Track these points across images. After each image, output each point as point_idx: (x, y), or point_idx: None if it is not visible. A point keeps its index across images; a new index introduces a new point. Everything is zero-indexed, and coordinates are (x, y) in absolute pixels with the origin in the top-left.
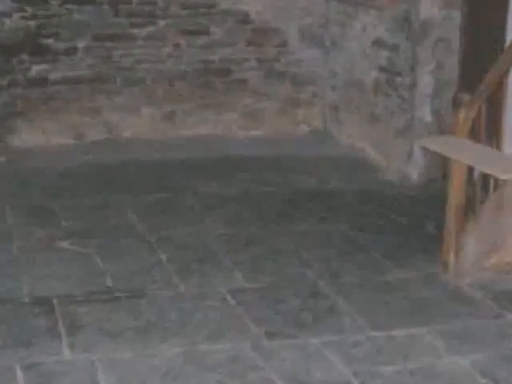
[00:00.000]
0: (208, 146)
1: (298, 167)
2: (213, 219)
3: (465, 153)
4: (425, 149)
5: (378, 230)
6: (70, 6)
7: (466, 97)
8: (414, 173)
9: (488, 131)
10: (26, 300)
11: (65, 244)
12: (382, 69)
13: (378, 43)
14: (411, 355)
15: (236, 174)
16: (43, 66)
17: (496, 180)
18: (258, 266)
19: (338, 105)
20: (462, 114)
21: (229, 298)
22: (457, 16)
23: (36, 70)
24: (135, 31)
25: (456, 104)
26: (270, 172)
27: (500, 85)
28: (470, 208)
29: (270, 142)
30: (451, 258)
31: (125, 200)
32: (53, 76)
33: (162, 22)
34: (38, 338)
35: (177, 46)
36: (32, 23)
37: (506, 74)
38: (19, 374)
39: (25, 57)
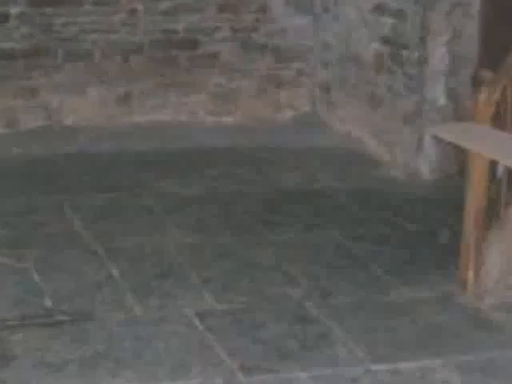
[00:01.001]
0: (169, 134)
1: (279, 161)
2: (175, 225)
3: (487, 143)
4: (438, 138)
5: (379, 239)
6: None
7: (488, 74)
8: (425, 168)
9: None
10: None
11: None
12: (385, 40)
13: (380, 8)
14: None
15: (203, 170)
16: None
17: None
18: (232, 283)
19: (331, 85)
20: (483, 96)
21: (196, 322)
22: None
23: None
24: None
25: (476, 83)
26: (244, 167)
27: None
28: (492, 212)
29: (245, 131)
30: (470, 275)
31: (67, 202)
32: None
33: None
34: None
35: (132, 11)
36: None
37: None
38: None
39: None
